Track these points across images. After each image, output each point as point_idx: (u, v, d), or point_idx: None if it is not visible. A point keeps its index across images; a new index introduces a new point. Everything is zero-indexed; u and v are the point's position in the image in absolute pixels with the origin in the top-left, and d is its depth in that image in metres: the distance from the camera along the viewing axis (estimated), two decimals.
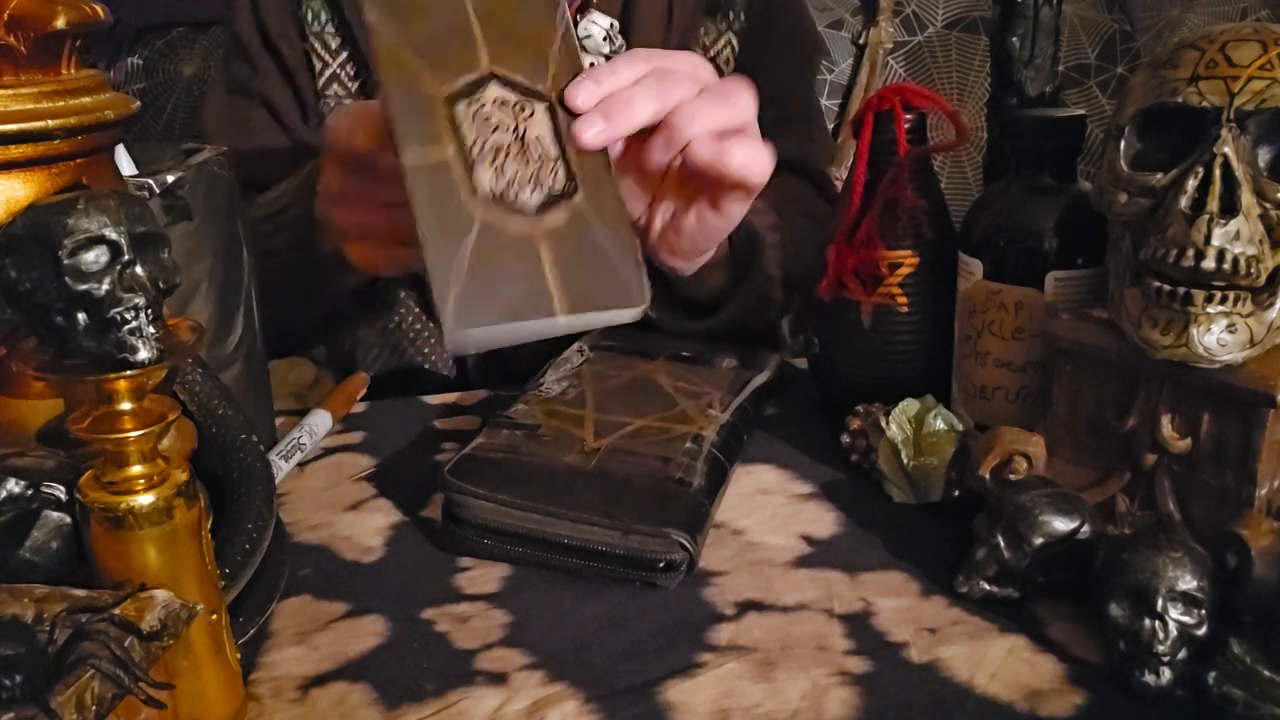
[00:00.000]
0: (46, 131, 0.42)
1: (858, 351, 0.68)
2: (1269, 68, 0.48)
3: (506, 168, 0.51)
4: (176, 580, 0.39)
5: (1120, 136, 0.53)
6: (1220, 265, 0.48)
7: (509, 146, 0.52)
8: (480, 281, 0.48)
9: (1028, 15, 1.30)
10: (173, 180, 0.57)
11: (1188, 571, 0.43)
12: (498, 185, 0.51)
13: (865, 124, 0.65)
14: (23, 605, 0.36)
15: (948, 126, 0.65)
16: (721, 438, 0.62)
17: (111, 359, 0.38)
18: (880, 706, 0.44)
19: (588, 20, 0.87)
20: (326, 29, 0.88)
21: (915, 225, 0.65)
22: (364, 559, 0.56)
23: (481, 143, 0.51)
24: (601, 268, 0.51)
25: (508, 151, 0.52)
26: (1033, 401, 0.62)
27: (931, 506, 0.59)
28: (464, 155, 0.51)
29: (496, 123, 0.52)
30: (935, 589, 0.52)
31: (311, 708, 0.45)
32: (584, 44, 0.87)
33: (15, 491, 0.41)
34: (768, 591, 0.52)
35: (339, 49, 0.89)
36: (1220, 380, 0.50)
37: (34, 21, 0.42)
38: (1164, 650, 0.43)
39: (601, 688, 0.45)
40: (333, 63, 0.89)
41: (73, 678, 0.33)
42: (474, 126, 0.52)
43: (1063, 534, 0.49)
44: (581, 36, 0.87)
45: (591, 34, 0.87)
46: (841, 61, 1.40)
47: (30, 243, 0.38)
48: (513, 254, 0.50)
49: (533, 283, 0.49)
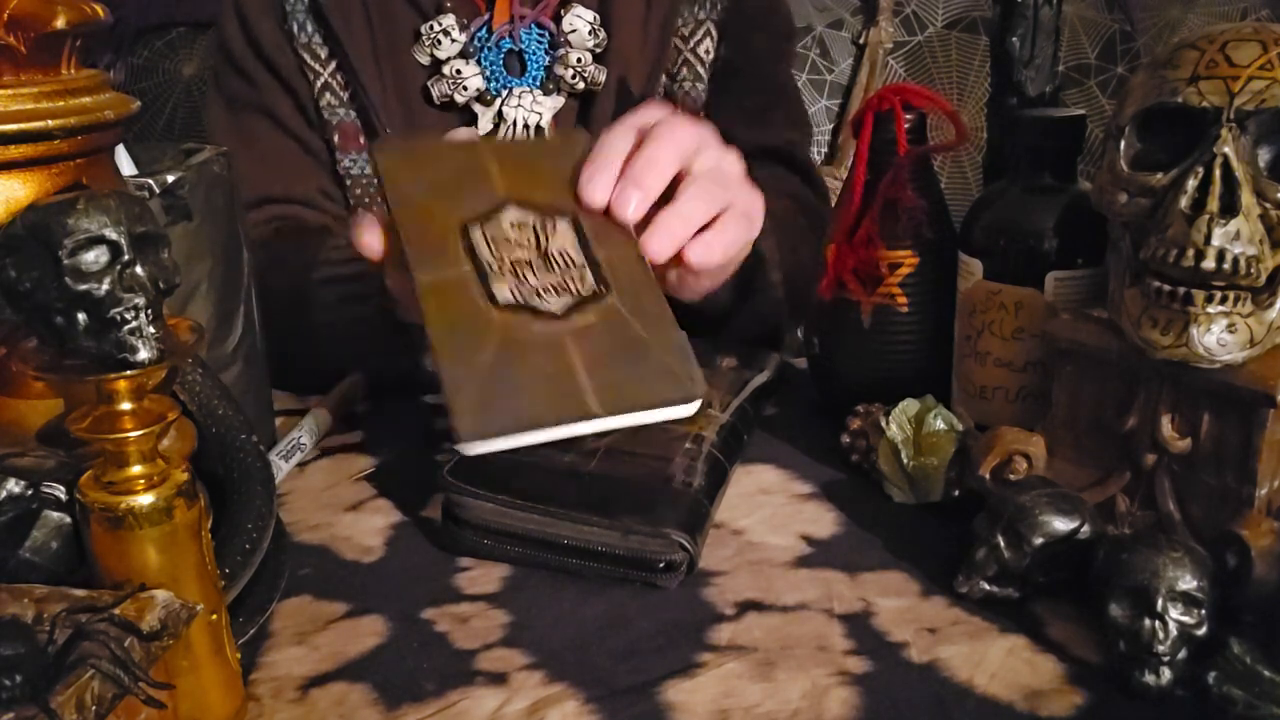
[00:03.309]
0: (46, 131, 0.42)
1: (858, 351, 0.68)
2: (1269, 68, 0.48)
3: (528, 278, 0.49)
4: (176, 580, 0.39)
5: (1120, 136, 0.53)
6: (1220, 265, 0.48)
7: (530, 261, 0.50)
8: (500, 388, 0.44)
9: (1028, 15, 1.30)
10: (173, 180, 0.57)
11: (1188, 571, 0.43)
12: (519, 294, 0.48)
13: (865, 124, 0.65)
14: (23, 605, 0.36)
15: (948, 126, 0.65)
16: (721, 438, 0.62)
17: (111, 359, 0.38)
18: (880, 706, 0.44)
19: (572, 14, 0.87)
20: (314, 39, 0.89)
21: (915, 225, 0.65)
22: (364, 559, 0.56)
23: (500, 259, 0.49)
24: (642, 362, 0.47)
25: (529, 265, 0.49)
26: (1033, 401, 0.62)
27: (931, 506, 0.59)
28: (480, 271, 0.48)
29: (516, 241, 0.50)
30: (935, 589, 0.52)
31: (311, 708, 0.45)
32: (569, 39, 0.87)
33: (15, 491, 0.41)
34: (768, 591, 0.52)
35: (328, 59, 0.89)
36: (1220, 380, 0.50)
37: (34, 21, 0.42)
38: (1164, 650, 0.43)
39: (601, 688, 0.45)
40: (323, 73, 0.89)
41: (73, 678, 0.33)
42: (491, 246, 0.50)
43: (1063, 534, 0.49)
44: (567, 31, 0.87)
45: (577, 28, 0.87)
46: (841, 61, 1.40)
47: (30, 243, 0.38)
48: (539, 356, 0.46)
49: (561, 383, 0.45)
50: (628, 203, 0.53)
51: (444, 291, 0.47)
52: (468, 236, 0.50)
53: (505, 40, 0.87)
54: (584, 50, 0.88)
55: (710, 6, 0.91)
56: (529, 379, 0.45)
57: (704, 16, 0.91)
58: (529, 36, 0.88)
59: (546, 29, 0.88)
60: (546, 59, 0.88)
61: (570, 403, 0.44)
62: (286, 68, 0.89)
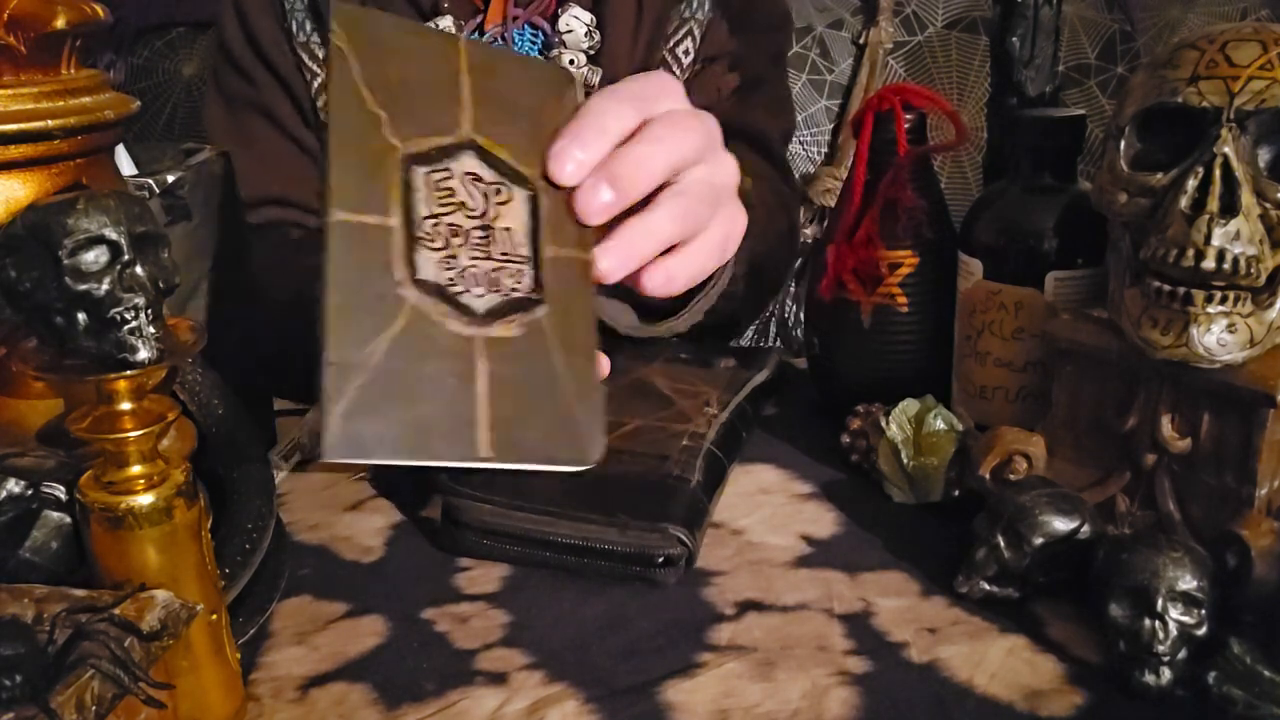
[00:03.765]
0: (46, 131, 0.42)
1: (858, 351, 0.68)
2: (1269, 68, 0.48)
3: (460, 256, 0.41)
4: (176, 580, 0.39)
5: (1120, 136, 0.53)
6: (1220, 265, 0.48)
7: (469, 232, 0.41)
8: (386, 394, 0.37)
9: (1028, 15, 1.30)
10: (173, 180, 0.57)
11: (1188, 571, 0.43)
12: (442, 274, 0.40)
13: (865, 124, 0.65)
14: (23, 605, 0.36)
15: (948, 126, 0.65)
16: (719, 435, 0.62)
17: (111, 359, 0.38)
18: (880, 706, 0.44)
19: (568, 15, 0.87)
20: (312, 39, 0.88)
21: (915, 225, 0.65)
22: (364, 559, 0.56)
23: (436, 220, 0.41)
24: (548, 406, 0.41)
25: (465, 238, 0.41)
26: (1033, 401, 0.62)
27: (931, 506, 0.59)
28: (409, 229, 0.40)
29: (461, 200, 0.42)
30: (935, 589, 0.52)
31: (311, 708, 0.45)
32: (565, 40, 0.87)
33: (15, 491, 0.41)
34: (768, 591, 0.52)
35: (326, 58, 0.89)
36: (1220, 380, 0.50)
37: (34, 21, 0.42)
38: (1164, 650, 0.43)
39: (601, 688, 0.45)
40: (321, 73, 0.89)
41: (73, 678, 0.33)
42: (432, 199, 0.41)
43: (1063, 534, 0.49)
44: (563, 32, 0.87)
45: (573, 29, 0.87)
46: (841, 61, 1.40)
47: (30, 243, 0.38)
48: (442, 363, 0.39)
49: (456, 406, 0.39)
50: (594, 201, 0.45)
51: (359, 240, 0.39)
52: (408, 175, 0.41)
53: (497, 41, 0.87)
54: (578, 51, 0.87)
55: (697, 5, 0.91)
56: (422, 392, 0.38)
57: (688, 15, 0.91)
58: (521, 37, 0.88)
59: (540, 29, 0.88)
60: None
61: (459, 437, 0.39)
62: (284, 66, 0.89)
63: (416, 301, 0.39)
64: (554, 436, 0.41)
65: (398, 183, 0.40)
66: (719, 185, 0.52)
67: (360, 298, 0.38)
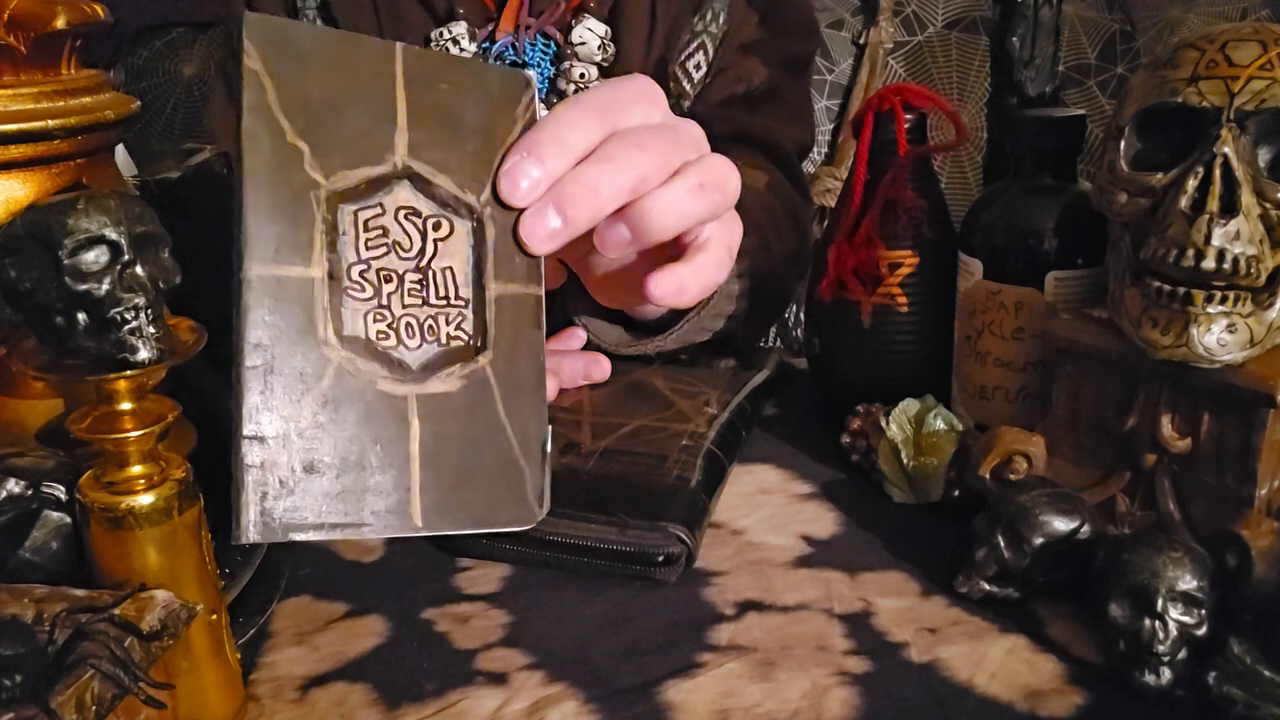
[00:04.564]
0: (46, 131, 0.42)
1: (858, 351, 0.68)
2: (1269, 68, 0.48)
3: (392, 305, 0.37)
4: (176, 580, 0.39)
5: (1120, 136, 0.53)
6: (1220, 265, 0.48)
7: (403, 277, 0.37)
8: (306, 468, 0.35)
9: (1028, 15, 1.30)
10: (173, 180, 0.57)
11: (1188, 571, 0.43)
12: (372, 327, 0.37)
13: (865, 124, 0.65)
14: (23, 605, 0.36)
15: (948, 126, 0.65)
16: (719, 435, 0.62)
17: (111, 359, 0.38)
18: (880, 706, 0.44)
19: (582, 27, 0.85)
20: None
21: (915, 225, 0.65)
22: (364, 559, 0.56)
23: (365, 266, 0.37)
24: (491, 464, 0.38)
25: (399, 283, 0.37)
26: (1033, 401, 0.62)
27: (931, 506, 0.59)
28: (335, 279, 0.36)
29: (395, 240, 0.37)
30: (935, 589, 0.52)
31: (311, 708, 0.45)
32: (577, 52, 0.85)
33: (15, 491, 0.41)
34: (768, 591, 0.52)
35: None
36: (1220, 380, 0.50)
37: (34, 21, 0.42)
38: (1164, 650, 0.43)
39: (601, 688, 0.45)
40: None
41: (73, 678, 0.33)
42: (361, 242, 0.37)
43: (1063, 534, 0.49)
44: (575, 43, 0.85)
45: (587, 41, 0.85)
46: (841, 61, 1.40)
47: (30, 243, 0.38)
48: (372, 428, 0.36)
49: (386, 475, 0.36)
50: (540, 228, 0.40)
51: (278, 296, 0.35)
52: (334, 216, 0.36)
53: (508, 51, 0.86)
54: (590, 64, 0.86)
55: (711, 18, 0.90)
56: (349, 463, 0.35)
57: (701, 29, 0.89)
58: (533, 49, 0.87)
59: (552, 40, 0.87)
60: (550, 71, 0.87)
61: (390, 507, 0.36)
62: None
63: (342, 361, 0.36)
64: (495, 495, 0.39)
65: (322, 226, 0.36)
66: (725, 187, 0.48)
67: (279, 361, 0.35)
